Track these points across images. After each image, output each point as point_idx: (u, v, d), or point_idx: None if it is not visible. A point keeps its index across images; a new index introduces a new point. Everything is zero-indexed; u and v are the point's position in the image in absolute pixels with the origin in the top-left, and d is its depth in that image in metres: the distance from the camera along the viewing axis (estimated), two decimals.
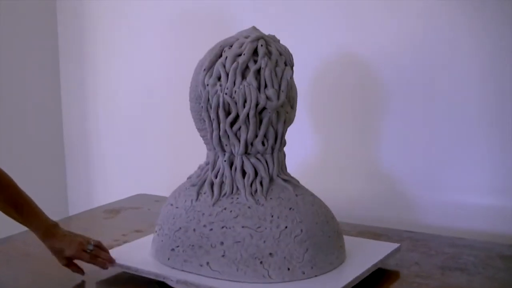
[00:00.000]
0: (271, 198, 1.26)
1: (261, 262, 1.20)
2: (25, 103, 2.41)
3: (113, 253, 1.33)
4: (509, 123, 1.61)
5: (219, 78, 1.25)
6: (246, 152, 1.27)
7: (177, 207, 1.31)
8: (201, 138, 1.36)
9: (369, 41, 1.78)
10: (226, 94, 1.23)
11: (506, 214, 1.62)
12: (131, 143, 2.38)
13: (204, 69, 1.26)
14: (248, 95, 1.22)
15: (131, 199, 2.10)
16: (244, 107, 1.23)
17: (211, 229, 1.24)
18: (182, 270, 1.24)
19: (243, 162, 1.28)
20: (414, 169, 1.76)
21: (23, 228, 1.32)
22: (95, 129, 2.49)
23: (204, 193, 1.29)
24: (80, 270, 1.31)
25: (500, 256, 1.43)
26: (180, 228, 1.27)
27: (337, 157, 1.90)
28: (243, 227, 1.22)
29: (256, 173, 1.28)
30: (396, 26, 1.73)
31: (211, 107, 1.25)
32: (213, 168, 1.30)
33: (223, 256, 1.21)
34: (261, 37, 1.27)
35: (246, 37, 1.28)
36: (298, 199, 1.28)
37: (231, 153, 1.28)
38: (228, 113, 1.25)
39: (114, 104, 2.42)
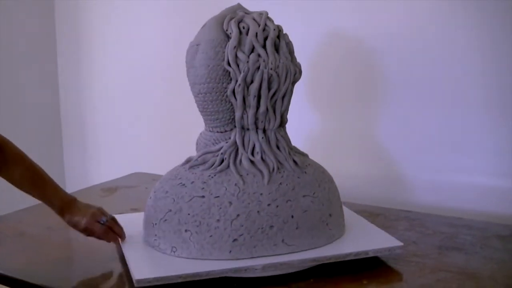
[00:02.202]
0: (306, 166, 1.31)
1: (327, 224, 1.29)
2: (22, 83, 2.39)
3: (138, 269, 1.17)
4: (507, 106, 1.60)
5: (258, 55, 1.23)
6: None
7: (217, 196, 1.22)
8: (201, 119, 1.34)
9: (373, 23, 1.76)
10: (271, 69, 1.22)
11: (503, 195, 1.62)
12: (128, 122, 2.37)
13: (235, 46, 1.22)
14: (289, 69, 1.26)
15: (128, 177, 2.09)
16: (285, 81, 1.25)
17: (277, 206, 1.23)
18: (252, 257, 1.20)
19: (276, 136, 1.29)
20: (413, 149, 1.76)
21: (17, 207, 1.31)
22: (92, 108, 2.47)
23: (247, 175, 1.25)
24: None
25: (497, 236, 1.43)
26: (239, 215, 1.21)
27: (336, 137, 1.89)
28: (303, 196, 1.27)
29: (288, 145, 1.32)
30: (402, 8, 1.71)
31: (247, 85, 1.23)
32: (244, 147, 1.27)
33: (297, 228, 1.24)
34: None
35: (247, 13, 1.29)
36: (318, 163, 1.37)
37: (264, 129, 1.28)
38: (269, 88, 1.25)
39: (110, 83, 2.40)
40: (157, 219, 1.25)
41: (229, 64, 1.23)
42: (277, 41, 1.26)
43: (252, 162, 1.26)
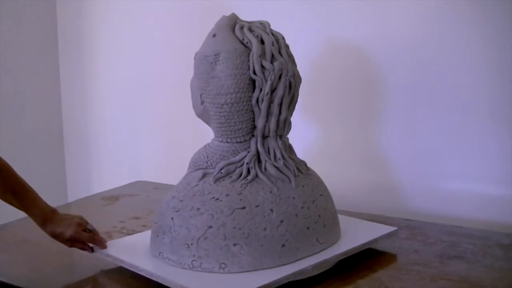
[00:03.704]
0: (309, 168, 1.37)
1: (337, 220, 1.37)
2: (23, 90, 2.40)
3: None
4: (508, 114, 1.60)
5: (280, 63, 1.25)
6: None
7: (257, 206, 1.22)
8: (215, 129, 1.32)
9: (370, 29, 1.77)
10: (291, 76, 1.26)
11: (505, 203, 1.62)
12: (130, 131, 2.38)
13: (260, 55, 1.23)
14: (300, 76, 1.31)
15: (130, 186, 2.09)
16: (298, 88, 1.29)
17: (308, 207, 1.27)
18: (297, 260, 1.22)
19: (288, 142, 1.33)
20: (413, 157, 1.76)
21: (20, 215, 1.31)
22: (94, 116, 2.48)
23: (276, 181, 1.26)
24: (87, 247, 1.30)
25: (498, 245, 1.43)
26: (282, 221, 1.22)
27: (336, 145, 1.89)
28: (320, 195, 1.32)
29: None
30: (400, 13, 1.72)
31: (271, 93, 1.24)
32: (267, 155, 1.28)
33: (324, 226, 1.29)
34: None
35: (250, 22, 1.29)
36: None
37: (280, 136, 1.30)
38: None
39: (113, 91, 2.40)
40: (193, 239, 1.20)
41: (254, 73, 1.23)
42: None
43: (277, 168, 1.27)
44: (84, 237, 1.28)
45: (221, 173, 1.26)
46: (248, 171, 1.25)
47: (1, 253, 1.42)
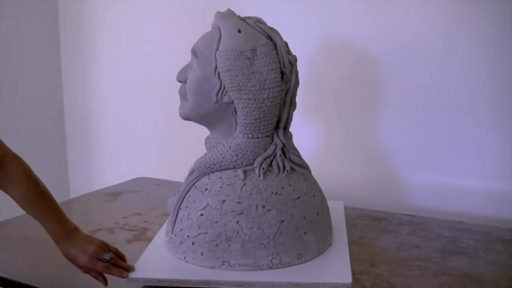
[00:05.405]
0: None
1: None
2: (25, 87, 2.40)
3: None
4: (508, 111, 1.60)
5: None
6: None
7: (306, 193, 1.27)
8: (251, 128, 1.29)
9: (371, 28, 1.77)
10: (297, 69, 1.30)
11: (506, 198, 1.62)
12: (132, 127, 2.38)
13: (286, 50, 1.26)
14: None
15: (132, 182, 2.10)
16: None
17: (322, 190, 1.37)
18: (332, 238, 1.34)
19: None
20: (413, 154, 1.76)
21: (22, 211, 1.31)
22: (96, 112, 2.48)
23: (301, 169, 1.32)
24: (101, 279, 1.17)
25: (500, 240, 1.43)
26: (322, 204, 1.31)
27: (337, 142, 1.89)
28: None
29: None
30: (400, 12, 1.72)
31: (297, 87, 1.29)
32: (288, 146, 1.30)
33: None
34: None
35: (250, 18, 1.28)
36: None
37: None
38: None
39: (115, 88, 2.41)
40: (268, 237, 1.19)
41: (284, 66, 1.24)
42: None
43: (298, 157, 1.31)
44: (98, 267, 1.15)
45: (263, 168, 1.25)
46: (283, 163, 1.27)
47: (4, 250, 1.43)
